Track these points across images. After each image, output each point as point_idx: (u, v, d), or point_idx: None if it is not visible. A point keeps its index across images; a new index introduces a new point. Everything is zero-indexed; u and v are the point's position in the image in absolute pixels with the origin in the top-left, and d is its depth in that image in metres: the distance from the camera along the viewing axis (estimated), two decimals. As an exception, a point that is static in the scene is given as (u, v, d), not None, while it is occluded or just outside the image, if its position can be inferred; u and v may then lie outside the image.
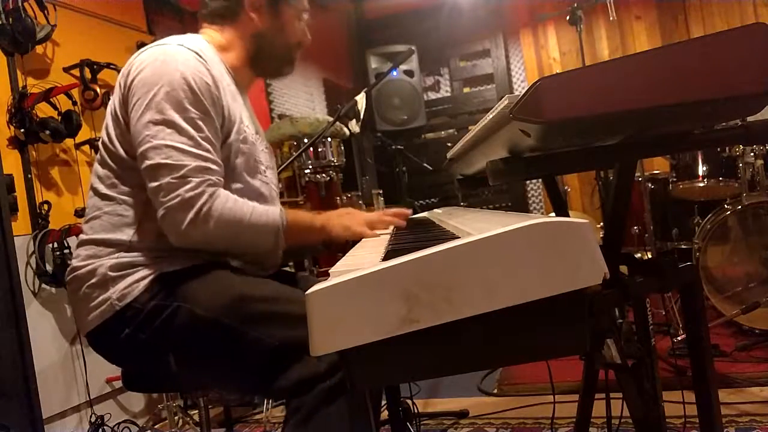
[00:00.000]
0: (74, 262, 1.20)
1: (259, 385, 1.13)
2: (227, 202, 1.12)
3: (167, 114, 1.10)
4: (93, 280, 1.15)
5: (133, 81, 1.15)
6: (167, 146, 1.09)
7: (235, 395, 2.33)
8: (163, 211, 1.09)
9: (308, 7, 1.40)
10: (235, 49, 1.32)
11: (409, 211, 1.42)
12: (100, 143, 1.24)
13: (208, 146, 1.13)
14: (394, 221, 1.34)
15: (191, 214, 1.08)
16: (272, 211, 1.19)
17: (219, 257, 1.20)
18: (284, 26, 1.34)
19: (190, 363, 1.14)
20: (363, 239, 1.21)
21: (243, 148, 1.24)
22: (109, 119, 1.21)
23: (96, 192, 1.22)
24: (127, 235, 1.17)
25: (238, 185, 1.22)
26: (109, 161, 1.20)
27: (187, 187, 1.08)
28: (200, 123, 1.13)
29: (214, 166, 1.13)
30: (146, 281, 1.12)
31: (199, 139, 1.12)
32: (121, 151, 1.17)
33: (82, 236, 1.22)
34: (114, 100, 1.20)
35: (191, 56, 1.16)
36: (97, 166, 1.23)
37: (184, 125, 1.11)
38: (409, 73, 4.86)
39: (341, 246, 1.28)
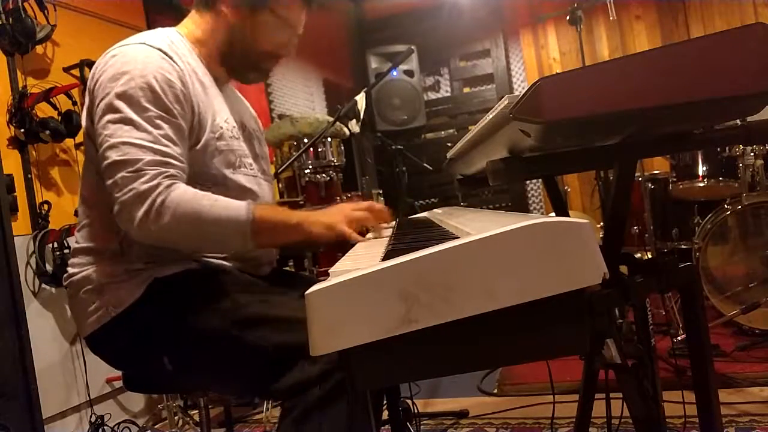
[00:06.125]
0: (70, 269, 1.20)
1: (254, 389, 1.13)
2: (185, 194, 1.06)
3: (125, 112, 1.07)
4: (89, 287, 1.15)
5: (95, 84, 1.14)
6: (124, 143, 1.05)
7: (233, 396, 2.33)
8: (118, 206, 1.04)
9: (300, 27, 1.33)
10: (209, 41, 1.28)
11: (384, 208, 1.26)
12: (83, 150, 1.23)
13: (168, 143, 1.08)
14: (379, 218, 1.23)
15: (145, 207, 1.02)
16: (237, 204, 1.09)
17: (208, 257, 1.19)
18: (257, 29, 1.25)
19: (186, 367, 1.14)
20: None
21: (220, 146, 1.20)
22: (85, 124, 1.19)
23: (84, 200, 1.21)
24: (117, 241, 1.15)
25: (219, 186, 1.18)
26: (92, 167, 1.18)
27: (142, 180, 1.03)
28: (159, 121, 1.09)
29: (173, 161, 1.08)
30: (141, 287, 1.12)
31: (158, 135, 1.07)
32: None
33: (75, 245, 1.21)
34: (86, 105, 1.18)
35: (153, 54, 1.14)
36: (83, 173, 1.22)
37: (141, 122, 1.07)
38: (409, 73, 4.86)
39: (342, 246, 1.27)
